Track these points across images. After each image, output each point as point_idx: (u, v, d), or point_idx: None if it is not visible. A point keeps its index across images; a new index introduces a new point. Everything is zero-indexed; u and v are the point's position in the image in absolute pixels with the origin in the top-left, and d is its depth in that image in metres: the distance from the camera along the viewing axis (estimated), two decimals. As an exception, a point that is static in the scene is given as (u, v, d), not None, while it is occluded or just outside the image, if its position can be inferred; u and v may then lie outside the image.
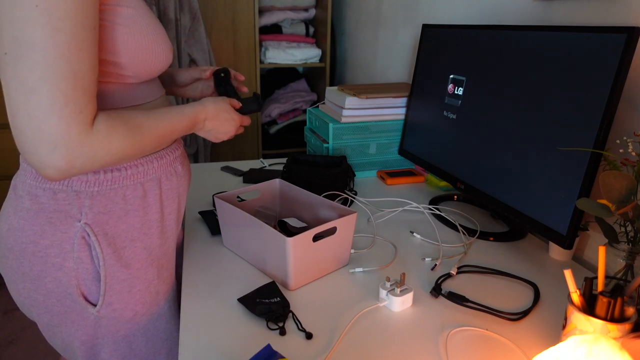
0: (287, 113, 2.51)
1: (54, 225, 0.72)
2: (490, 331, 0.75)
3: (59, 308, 0.77)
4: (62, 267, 0.74)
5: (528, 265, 0.96)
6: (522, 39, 0.96)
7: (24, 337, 1.93)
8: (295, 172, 1.21)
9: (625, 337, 0.60)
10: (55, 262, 0.73)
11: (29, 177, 0.73)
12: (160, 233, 0.82)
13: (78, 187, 0.71)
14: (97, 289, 0.76)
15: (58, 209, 0.72)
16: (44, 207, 0.72)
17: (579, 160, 0.83)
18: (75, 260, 0.73)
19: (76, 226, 0.72)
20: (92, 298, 0.77)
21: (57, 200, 0.72)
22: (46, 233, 0.72)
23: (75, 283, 0.75)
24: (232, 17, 2.21)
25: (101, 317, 0.78)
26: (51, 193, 0.72)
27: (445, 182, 1.33)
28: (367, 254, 0.98)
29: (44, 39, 0.56)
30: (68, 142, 0.59)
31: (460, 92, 1.15)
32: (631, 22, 0.85)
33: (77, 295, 0.75)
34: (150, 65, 0.73)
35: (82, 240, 0.73)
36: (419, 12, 1.62)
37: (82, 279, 0.75)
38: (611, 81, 0.77)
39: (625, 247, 0.73)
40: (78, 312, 0.77)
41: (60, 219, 0.72)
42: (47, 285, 0.75)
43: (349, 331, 0.74)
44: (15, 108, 0.57)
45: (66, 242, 0.73)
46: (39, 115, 0.57)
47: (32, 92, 0.56)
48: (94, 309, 0.77)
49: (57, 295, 0.76)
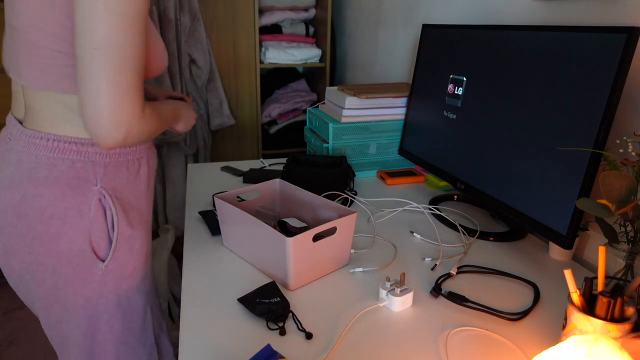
0: (287, 113, 2.51)
1: (73, 189, 0.82)
2: (490, 331, 0.75)
3: (67, 268, 0.85)
4: (78, 226, 0.83)
5: (528, 265, 0.96)
6: (522, 39, 0.96)
7: (24, 337, 1.93)
8: (295, 172, 1.21)
9: (625, 337, 0.60)
10: (72, 222, 0.83)
11: (43, 150, 0.81)
12: (146, 201, 0.95)
13: (94, 158, 0.83)
14: (106, 246, 0.87)
15: (77, 175, 0.82)
16: (62, 175, 0.81)
17: (579, 160, 0.83)
18: (91, 220, 0.84)
19: (93, 190, 0.84)
20: (102, 254, 0.87)
21: (75, 169, 0.82)
22: (67, 196, 0.82)
23: (88, 241, 0.85)
24: (232, 17, 2.21)
25: (108, 272, 0.88)
26: (70, 163, 0.82)
27: (445, 182, 1.33)
28: (367, 254, 0.98)
29: (126, 41, 0.71)
30: (131, 122, 0.75)
31: (460, 92, 1.15)
32: (631, 22, 0.85)
33: (89, 252, 0.85)
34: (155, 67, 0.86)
35: (98, 202, 0.84)
36: (419, 12, 1.62)
37: (95, 237, 0.85)
38: (611, 81, 0.77)
39: (625, 247, 0.73)
40: (87, 268, 0.86)
41: (79, 184, 0.82)
42: (61, 247, 0.83)
43: (349, 331, 0.74)
44: (96, 93, 0.71)
45: (84, 204, 0.83)
46: (116, 99, 0.72)
47: (114, 82, 0.71)
48: (102, 264, 0.87)
49: (69, 255, 0.84)
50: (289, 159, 1.27)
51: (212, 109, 2.28)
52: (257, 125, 2.43)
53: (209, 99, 2.27)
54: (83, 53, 0.70)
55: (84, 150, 0.82)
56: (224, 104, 2.28)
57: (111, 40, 0.70)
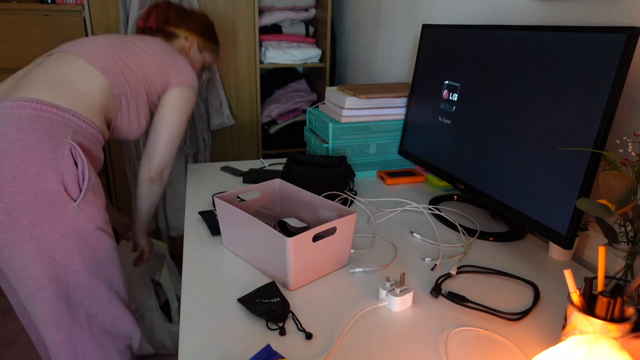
0: (287, 113, 2.51)
1: (50, 138, 1.01)
2: (490, 331, 0.75)
3: (44, 204, 0.99)
4: (55, 168, 1.00)
5: (528, 265, 0.96)
6: (522, 39, 0.96)
7: (24, 337, 1.93)
8: (295, 172, 1.21)
9: (625, 337, 0.60)
10: (49, 164, 0.99)
11: (28, 109, 1.02)
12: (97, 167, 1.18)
13: (68, 122, 1.06)
14: (77, 189, 1.05)
15: (53, 129, 1.03)
16: (42, 127, 1.01)
17: (579, 160, 0.83)
18: (64, 164, 1.02)
19: (65, 141, 1.03)
20: (74, 195, 1.04)
21: (52, 125, 1.03)
22: (45, 142, 1.00)
23: (61, 181, 1.01)
24: (232, 17, 2.21)
25: (79, 210, 1.04)
26: (49, 120, 1.03)
27: (445, 182, 1.33)
28: (367, 254, 0.98)
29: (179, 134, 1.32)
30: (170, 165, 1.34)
31: (460, 91, 1.15)
32: (631, 22, 0.85)
33: (62, 191, 1.02)
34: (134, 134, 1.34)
35: (69, 151, 1.03)
36: (419, 12, 1.62)
37: (68, 179, 1.02)
38: (611, 81, 0.78)
39: (625, 247, 0.73)
40: (62, 206, 1.02)
41: (56, 135, 1.02)
42: (39, 185, 0.98)
43: (349, 331, 0.74)
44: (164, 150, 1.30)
45: (59, 150, 1.01)
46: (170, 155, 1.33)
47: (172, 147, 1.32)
48: (74, 203, 1.03)
49: (45, 192, 0.99)
50: (288, 159, 1.27)
51: (212, 109, 2.28)
52: (257, 125, 2.43)
53: (209, 99, 2.27)
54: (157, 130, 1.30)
55: (62, 115, 1.05)
56: (224, 104, 2.28)
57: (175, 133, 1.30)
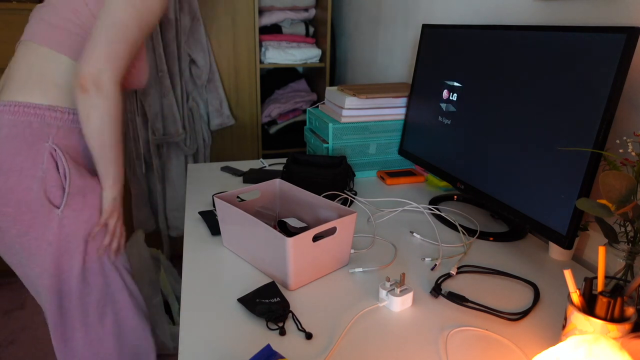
0: (287, 113, 2.51)
1: (29, 145, 0.97)
2: (490, 331, 0.75)
3: (28, 215, 0.98)
4: (34, 176, 0.97)
5: (528, 265, 0.95)
6: (522, 38, 0.96)
7: (24, 337, 1.93)
8: (295, 172, 1.21)
9: (625, 337, 0.60)
10: (28, 173, 0.97)
11: (7, 114, 0.97)
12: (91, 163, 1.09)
13: (49, 121, 1.00)
14: (60, 195, 1.00)
15: (32, 133, 0.98)
16: (20, 133, 0.97)
17: (579, 160, 0.83)
18: (44, 171, 0.98)
19: (45, 145, 0.99)
20: (56, 202, 1.01)
21: (32, 129, 0.98)
22: (22, 150, 0.97)
23: (43, 189, 0.98)
24: (232, 17, 2.21)
25: (64, 217, 1.01)
26: (27, 123, 0.98)
27: (445, 182, 1.33)
28: (367, 254, 0.98)
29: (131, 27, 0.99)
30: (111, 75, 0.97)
31: (460, 91, 1.15)
32: (631, 22, 0.85)
33: (44, 199, 0.99)
34: (137, 78, 1.10)
35: (49, 155, 0.99)
36: (419, 12, 1.62)
37: (49, 186, 0.99)
38: (611, 81, 0.77)
39: (625, 247, 0.73)
40: (45, 214, 0.99)
41: (34, 140, 0.98)
42: (19, 195, 0.97)
43: (349, 331, 0.74)
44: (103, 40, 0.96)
45: (38, 157, 0.98)
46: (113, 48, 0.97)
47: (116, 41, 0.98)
48: (58, 210, 1.00)
49: (27, 202, 0.98)
50: (288, 159, 1.27)
51: (212, 109, 2.28)
52: (257, 125, 2.43)
53: (209, 99, 2.27)
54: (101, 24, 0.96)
55: (41, 113, 0.99)
56: (224, 104, 2.28)
57: (124, 22, 0.97)
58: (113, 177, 1.06)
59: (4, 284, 2.31)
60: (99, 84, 0.97)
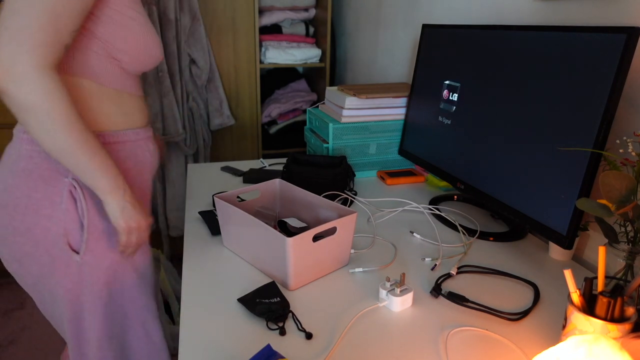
0: (287, 113, 2.51)
1: (45, 181, 0.85)
2: (490, 331, 0.75)
3: (46, 258, 0.88)
4: (51, 217, 0.86)
5: (528, 265, 0.95)
6: (522, 38, 0.96)
7: (24, 337, 1.93)
8: (295, 172, 1.21)
9: (625, 337, 0.60)
10: (45, 212, 0.85)
11: (25, 143, 0.85)
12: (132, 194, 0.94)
13: None
14: (80, 238, 0.88)
15: (50, 167, 0.85)
16: (38, 166, 0.85)
17: (579, 160, 0.83)
18: (63, 211, 0.86)
19: (64, 181, 0.86)
20: (76, 246, 0.88)
21: (49, 161, 0.85)
22: (39, 187, 0.85)
23: (62, 232, 0.86)
24: (232, 17, 2.21)
25: (83, 264, 0.89)
26: (45, 155, 0.85)
27: (445, 182, 1.33)
28: (367, 254, 0.98)
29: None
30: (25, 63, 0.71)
31: (460, 91, 1.15)
32: (631, 22, 0.85)
33: (63, 244, 0.87)
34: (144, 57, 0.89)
35: (69, 193, 0.86)
36: (419, 12, 1.62)
37: (69, 228, 0.87)
38: (611, 81, 0.77)
39: (625, 247, 0.73)
40: (64, 260, 0.88)
41: (52, 175, 0.85)
42: (37, 236, 0.86)
43: (349, 331, 0.74)
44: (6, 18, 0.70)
45: (56, 194, 0.85)
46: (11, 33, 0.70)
47: (17, 12, 0.70)
48: (77, 256, 0.88)
49: (45, 244, 0.87)
50: (288, 159, 1.27)
51: (212, 109, 2.28)
52: (257, 125, 2.43)
53: (209, 99, 2.27)
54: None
55: None
56: (224, 104, 2.28)
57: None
58: (105, 184, 0.83)
59: (4, 284, 2.31)
60: (16, 78, 0.70)
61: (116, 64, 0.88)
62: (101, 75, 0.87)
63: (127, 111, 0.93)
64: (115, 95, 0.90)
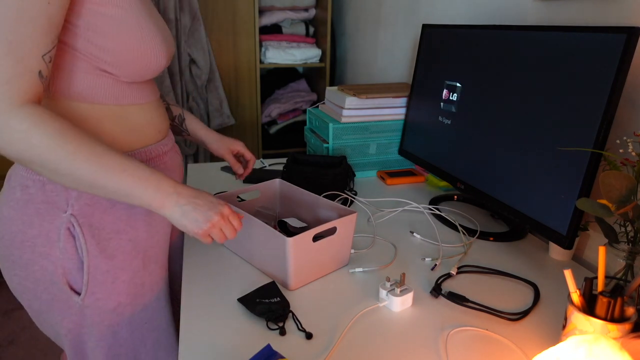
0: (287, 113, 2.51)
1: (41, 216, 0.74)
2: (490, 331, 0.75)
3: (46, 296, 0.79)
4: (48, 255, 0.76)
5: (528, 265, 0.95)
6: (522, 38, 0.96)
7: (24, 337, 1.93)
8: (295, 172, 1.21)
9: (625, 337, 0.60)
10: (42, 251, 0.76)
11: (21, 169, 0.75)
12: (147, 226, 0.84)
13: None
14: (81, 279, 0.78)
15: (46, 200, 0.74)
16: (32, 198, 0.74)
17: (579, 160, 0.83)
18: (61, 250, 0.76)
19: (62, 217, 0.74)
20: (77, 287, 0.79)
21: (45, 192, 0.74)
22: (34, 223, 0.74)
23: (61, 272, 0.77)
24: (232, 17, 2.21)
25: (85, 307, 0.80)
26: (40, 184, 0.74)
27: (445, 182, 1.33)
28: (367, 254, 0.98)
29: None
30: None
31: (460, 91, 1.15)
32: (631, 22, 0.85)
33: (62, 284, 0.78)
34: (139, 67, 0.74)
35: (67, 231, 0.75)
36: (419, 12, 1.62)
37: (68, 268, 0.77)
38: (611, 81, 0.77)
39: (625, 247, 0.73)
40: (64, 300, 0.79)
41: (48, 209, 0.74)
42: (35, 274, 0.77)
43: (349, 331, 0.74)
44: None
45: (52, 232, 0.75)
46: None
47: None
48: (78, 298, 0.78)
49: (44, 283, 0.78)
50: (289, 159, 1.27)
51: (212, 109, 2.28)
52: (257, 125, 2.43)
53: (209, 99, 2.27)
54: None
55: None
56: (224, 104, 2.28)
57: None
58: (150, 199, 0.71)
59: (4, 283, 2.31)
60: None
61: (109, 78, 0.74)
62: (94, 93, 0.73)
63: (134, 127, 0.79)
64: (117, 112, 0.76)
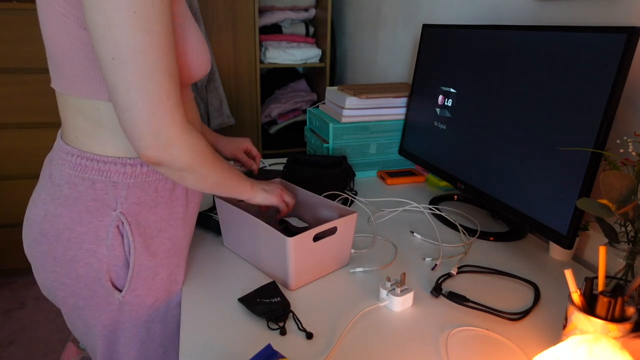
0: (287, 113, 2.51)
1: (91, 213, 0.76)
2: (491, 331, 0.75)
3: (86, 292, 0.81)
4: (95, 253, 0.78)
5: (528, 265, 0.96)
6: (522, 38, 0.96)
7: (24, 337, 1.93)
8: (295, 172, 1.21)
9: (626, 337, 0.60)
10: (89, 248, 0.78)
11: (68, 167, 0.76)
12: (183, 225, 0.86)
13: (116, 178, 0.76)
14: (124, 275, 0.81)
15: (96, 197, 0.76)
16: (82, 196, 0.76)
17: (579, 160, 0.83)
18: (108, 248, 0.78)
19: (112, 215, 0.77)
20: (119, 284, 0.81)
21: (95, 190, 0.76)
22: (83, 220, 0.76)
23: (105, 269, 0.79)
24: (232, 17, 2.21)
25: (125, 302, 0.82)
26: (90, 183, 0.76)
27: (445, 182, 1.33)
28: (368, 254, 0.98)
29: (144, 43, 0.62)
30: (170, 130, 0.68)
31: (460, 90, 1.15)
32: (631, 22, 0.85)
33: (105, 281, 0.80)
34: (192, 70, 0.78)
35: (116, 229, 0.77)
36: (419, 12, 1.62)
37: (113, 265, 0.79)
38: (611, 81, 0.78)
39: (626, 247, 0.73)
40: (104, 296, 0.81)
41: (98, 207, 0.76)
42: (78, 270, 0.79)
43: (350, 331, 0.74)
44: (126, 104, 0.65)
45: (101, 229, 0.77)
46: (148, 108, 0.65)
47: (142, 90, 0.64)
48: (119, 294, 0.81)
49: (86, 280, 0.80)
50: (289, 159, 1.27)
51: (212, 109, 2.28)
52: (257, 125, 2.43)
53: (209, 99, 2.27)
54: (103, 64, 0.64)
55: (105, 169, 0.75)
56: (224, 104, 2.28)
57: (128, 46, 0.61)
58: (243, 189, 0.87)
59: (4, 284, 2.31)
60: (168, 155, 0.69)
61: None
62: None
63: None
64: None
